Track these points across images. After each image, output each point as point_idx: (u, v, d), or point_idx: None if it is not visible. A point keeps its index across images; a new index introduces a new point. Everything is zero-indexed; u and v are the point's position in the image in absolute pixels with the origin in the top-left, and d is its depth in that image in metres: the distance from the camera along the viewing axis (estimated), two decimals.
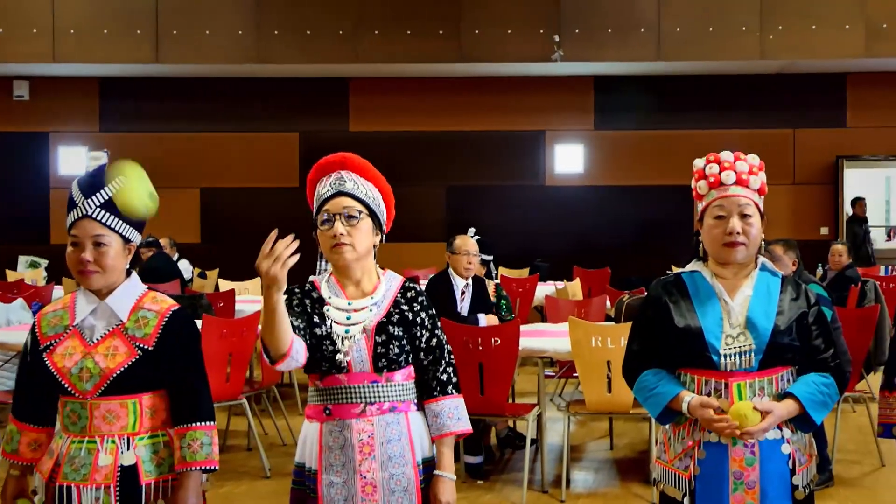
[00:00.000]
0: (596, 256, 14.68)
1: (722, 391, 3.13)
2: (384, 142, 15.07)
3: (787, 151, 15.41)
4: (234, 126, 15.69)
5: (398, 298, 3.37)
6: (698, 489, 3.16)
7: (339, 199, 3.30)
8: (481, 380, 6.50)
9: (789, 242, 7.20)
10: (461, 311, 7.51)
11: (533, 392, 7.90)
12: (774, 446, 3.16)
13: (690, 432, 3.19)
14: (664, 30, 14.03)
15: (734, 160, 3.28)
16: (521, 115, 15.53)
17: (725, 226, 3.21)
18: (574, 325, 6.49)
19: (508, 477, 7.18)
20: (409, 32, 14.16)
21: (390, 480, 3.26)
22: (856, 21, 13.90)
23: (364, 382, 3.26)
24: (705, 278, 3.28)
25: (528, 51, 14.13)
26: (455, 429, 3.35)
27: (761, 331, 3.15)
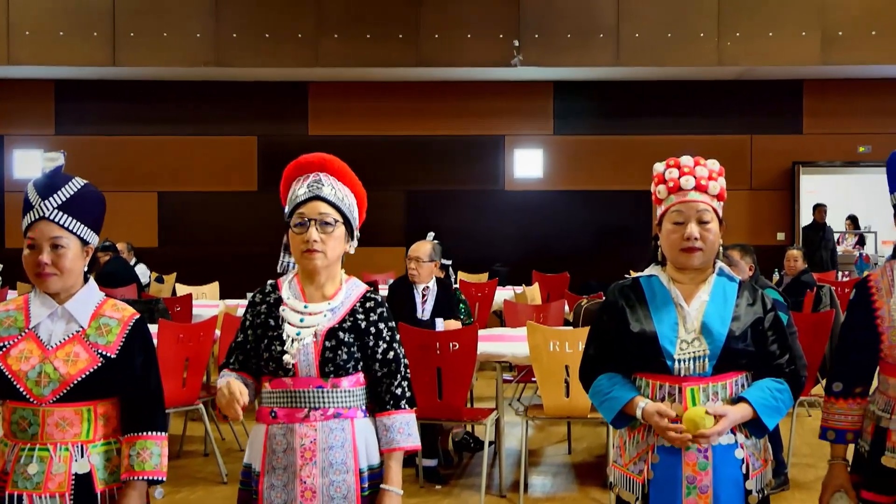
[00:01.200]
0: (555, 261, 14.73)
1: (676, 396, 3.14)
2: (343, 146, 14.85)
3: (744, 157, 15.52)
4: (192, 129, 15.60)
5: (356, 307, 3.35)
6: (652, 493, 3.17)
7: (315, 204, 3.28)
8: (439, 384, 6.50)
9: (746, 248, 7.25)
10: (422, 315, 7.49)
11: (491, 396, 7.91)
12: (728, 451, 3.17)
13: (645, 436, 3.20)
14: (623, 35, 14.10)
15: (694, 165, 3.29)
16: (480, 120, 15.55)
17: (684, 231, 3.22)
18: (532, 329, 6.49)
19: (467, 482, 7.17)
20: (369, 36, 14.14)
21: (330, 487, 3.23)
22: (812, 29, 14.03)
23: (309, 387, 3.24)
24: (662, 283, 3.29)
25: (488, 55, 14.15)
26: (405, 444, 3.32)
27: (716, 336, 3.16)
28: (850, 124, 15.40)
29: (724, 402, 3.16)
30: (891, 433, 3.25)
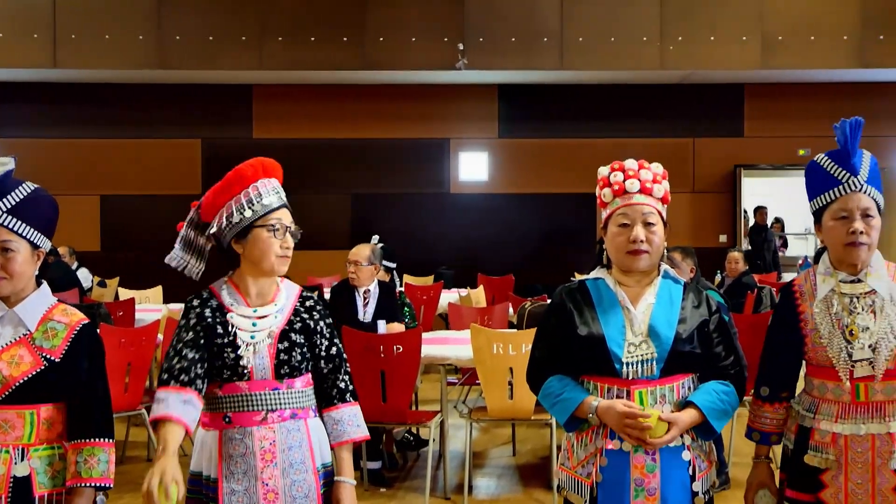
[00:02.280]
0: (500, 264, 14.80)
1: (624, 399, 3.17)
2: (288, 149, 14.94)
3: (686, 160, 15.67)
4: (135, 132, 15.46)
5: (297, 307, 3.39)
6: (600, 496, 3.18)
7: (285, 212, 3.36)
8: (383, 387, 6.51)
9: (687, 249, 7.32)
10: (364, 317, 7.49)
11: (436, 399, 7.92)
12: (675, 453, 3.20)
13: (593, 439, 3.21)
14: (567, 39, 14.18)
15: (638, 168, 3.33)
16: (425, 123, 15.56)
17: (629, 234, 3.25)
18: (476, 332, 6.52)
19: (411, 484, 7.19)
20: (314, 39, 14.10)
21: (292, 487, 3.26)
22: (753, 34, 14.20)
23: (265, 390, 3.26)
24: (609, 286, 3.31)
25: (433, 59, 14.16)
26: (355, 435, 3.39)
27: (663, 339, 3.19)
28: (789, 128, 15.60)
29: (672, 405, 3.19)
30: (814, 432, 3.33)
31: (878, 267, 3.34)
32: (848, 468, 3.26)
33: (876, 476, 3.24)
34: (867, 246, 3.28)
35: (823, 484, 3.29)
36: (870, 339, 3.25)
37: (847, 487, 3.25)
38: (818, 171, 3.41)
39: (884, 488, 3.23)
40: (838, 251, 3.31)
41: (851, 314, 3.28)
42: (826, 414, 3.31)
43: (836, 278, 3.34)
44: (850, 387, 3.26)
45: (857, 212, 3.27)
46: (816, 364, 3.35)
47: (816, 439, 3.31)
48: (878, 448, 3.24)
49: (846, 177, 3.30)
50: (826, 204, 3.35)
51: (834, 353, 3.26)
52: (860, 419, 3.26)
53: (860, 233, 3.25)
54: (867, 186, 3.30)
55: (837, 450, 3.27)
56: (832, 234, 3.32)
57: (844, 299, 3.31)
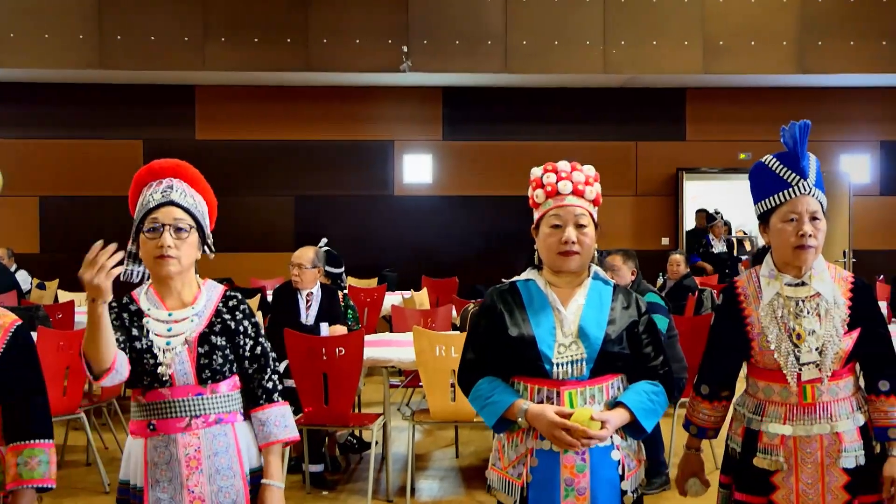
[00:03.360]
0: (444, 266, 14.82)
1: (554, 399, 3.18)
2: (231, 150, 14.89)
3: (629, 163, 15.77)
4: (76, 133, 15.26)
5: (220, 308, 3.34)
6: (531, 496, 3.20)
7: (169, 210, 3.25)
8: (326, 390, 6.49)
9: (628, 252, 7.38)
10: (306, 320, 7.47)
11: (380, 402, 7.91)
12: (604, 453, 3.22)
13: (524, 440, 3.23)
14: (511, 42, 14.22)
15: (571, 170, 3.34)
16: (369, 125, 15.53)
17: (561, 235, 3.26)
18: (418, 334, 6.52)
19: (354, 487, 7.17)
20: (257, 40, 14.02)
21: (219, 493, 3.23)
22: (694, 38, 14.33)
23: (188, 395, 3.22)
24: (539, 287, 3.33)
25: (377, 61, 14.14)
26: (282, 436, 3.34)
27: (593, 340, 3.21)
28: (731, 131, 15.76)
29: (601, 405, 3.22)
30: (762, 434, 3.37)
31: (820, 270, 3.38)
32: (798, 469, 3.30)
33: (826, 475, 3.29)
34: (814, 249, 3.32)
35: (774, 486, 3.33)
36: (816, 342, 3.29)
37: (798, 488, 3.30)
38: (766, 173, 3.44)
39: (833, 486, 3.29)
40: (786, 253, 3.34)
41: (797, 318, 3.31)
42: (774, 416, 3.35)
43: (780, 281, 3.36)
44: (798, 389, 3.30)
45: (805, 215, 3.31)
46: (763, 367, 3.38)
47: (765, 441, 3.35)
48: (827, 448, 3.30)
49: (796, 179, 3.34)
50: (775, 206, 3.38)
51: (782, 357, 3.29)
52: (808, 420, 3.31)
53: (809, 235, 3.29)
54: (815, 189, 3.35)
55: (787, 451, 3.31)
56: (780, 236, 3.35)
57: (790, 303, 3.34)
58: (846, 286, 3.40)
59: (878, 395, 3.38)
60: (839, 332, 3.30)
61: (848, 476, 3.30)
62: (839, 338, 3.30)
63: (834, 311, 3.32)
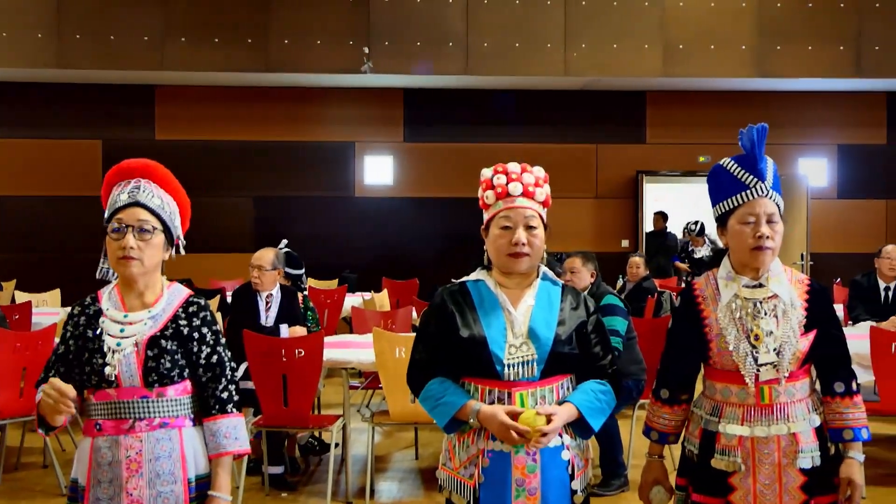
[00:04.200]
0: (405, 267, 14.82)
1: (505, 400, 3.20)
2: (191, 151, 14.82)
3: (589, 166, 15.84)
4: (34, 132, 15.13)
5: (178, 313, 3.31)
6: (482, 496, 3.22)
7: (134, 210, 3.24)
8: (285, 391, 6.47)
9: (588, 255, 7.40)
10: (266, 322, 7.44)
11: (340, 403, 7.89)
12: (555, 453, 3.25)
13: (475, 440, 3.24)
14: (472, 44, 14.25)
15: (521, 172, 3.36)
16: (330, 127, 15.51)
17: (511, 236, 3.28)
18: (378, 335, 6.52)
19: (313, 488, 7.15)
20: (217, 40, 13.96)
21: (157, 498, 3.20)
22: (654, 42, 14.42)
23: (134, 397, 3.20)
24: (489, 287, 3.35)
25: (338, 62, 14.12)
26: (232, 448, 3.30)
27: (543, 341, 3.24)
28: (690, 135, 15.87)
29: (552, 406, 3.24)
30: (719, 436, 3.38)
31: (777, 272, 3.41)
32: (756, 470, 3.32)
33: (783, 476, 3.31)
34: (772, 250, 3.34)
35: (732, 486, 3.34)
36: (774, 343, 3.31)
37: (755, 489, 3.31)
38: (724, 176, 3.45)
39: (790, 487, 3.31)
40: (743, 255, 3.36)
41: (755, 319, 3.33)
42: (731, 417, 3.36)
43: (738, 283, 3.38)
44: (755, 390, 3.31)
45: (763, 217, 3.33)
46: (721, 368, 3.39)
47: (723, 443, 3.36)
48: (784, 448, 3.32)
49: (753, 182, 3.36)
50: (733, 208, 3.39)
51: (740, 358, 3.31)
52: (766, 421, 3.32)
53: (766, 237, 3.31)
54: (772, 192, 3.37)
55: (745, 452, 3.33)
56: (738, 238, 3.36)
57: (748, 304, 3.35)
58: (803, 288, 3.43)
59: (834, 396, 3.42)
60: (796, 333, 3.33)
61: (804, 476, 3.32)
62: (796, 339, 3.32)
63: (791, 313, 3.34)
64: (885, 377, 6.85)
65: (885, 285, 8.69)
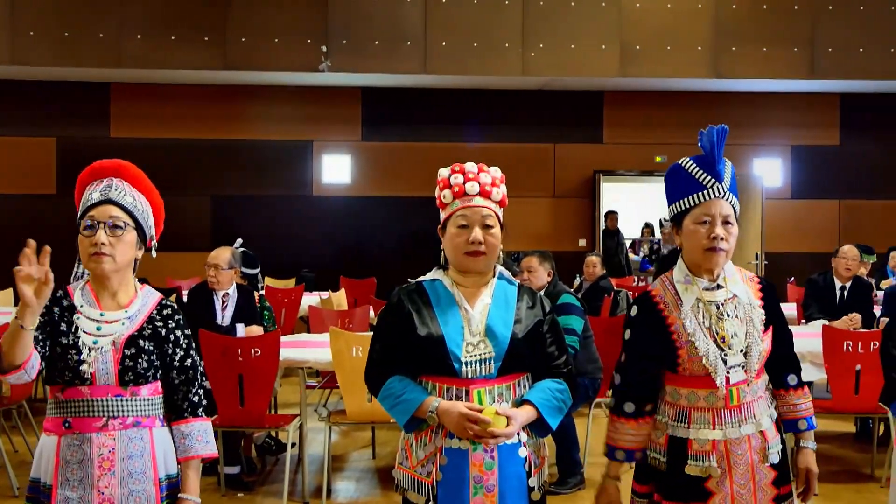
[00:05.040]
0: (362, 266, 14.80)
1: (463, 397, 3.21)
2: (147, 149, 14.70)
3: (547, 165, 15.89)
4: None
5: (153, 314, 3.32)
6: (440, 494, 3.22)
7: (106, 208, 3.23)
8: (241, 391, 6.44)
9: (545, 254, 7.42)
10: (222, 321, 7.41)
11: (297, 403, 7.88)
12: (512, 450, 3.26)
13: (433, 438, 3.25)
14: (430, 43, 14.25)
15: (478, 172, 3.37)
16: (288, 125, 15.46)
17: (468, 235, 3.29)
18: (335, 335, 6.51)
19: (270, 488, 7.13)
20: (174, 38, 13.88)
21: (129, 497, 3.19)
22: (612, 42, 14.49)
23: (108, 396, 3.18)
24: (446, 286, 3.36)
25: (296, 60, 14.08)
26: (202, 452, 3.32)
27: (500, 339, 3.25)
28: (647, 135, 15.96)
29: (509, 403, 3.25)
30: (691, 442, 3.33)
31: (731, 273, 3.42)
32: (732, 472, 3.30)
33: (756, 474, 3.32)
34: (726, 252, 3.34)
35: (710, 491, 3.30)
36: (741, 344, 3.32)
37: (733, 490, 3.30)
38: (681, 175, 3.44)
39: (763, 484, 3.33)
40: (697, 255, 3.35)
41: (720, 321, 3.33)
42: (702, 422, 3.33)
43: (697, 286, 3.37)
44: (725, 392, 3.30)
45: (718, 218, 3.32)
46: (690, 374, 3.35)
47: (696, 449, 3.32)
48: (755, 447, 3.33)
49: (711, 182, 3.35)
50: (688, 208, 3.38)
51: (711, 363, 3.28)
52: (736, 422, 3.32)
53: (720, 238, 3.31)
54: (729, 194, 3.37)
55: (719, 455, 3.30)
56: (693, 238, 3.35)
57: (711, 307, 3.35)
58: (755, 287, 3.45)
59: (788, 388, 3.46)
60: (759, 332, 3.35)
61: (775, 472, 3.35)
62: (760, 338, 3.34)
63: (752, 314, 3.36)
64: (837, 375, 6.93)
65: (841, 285, 8.79)
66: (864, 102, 16.07)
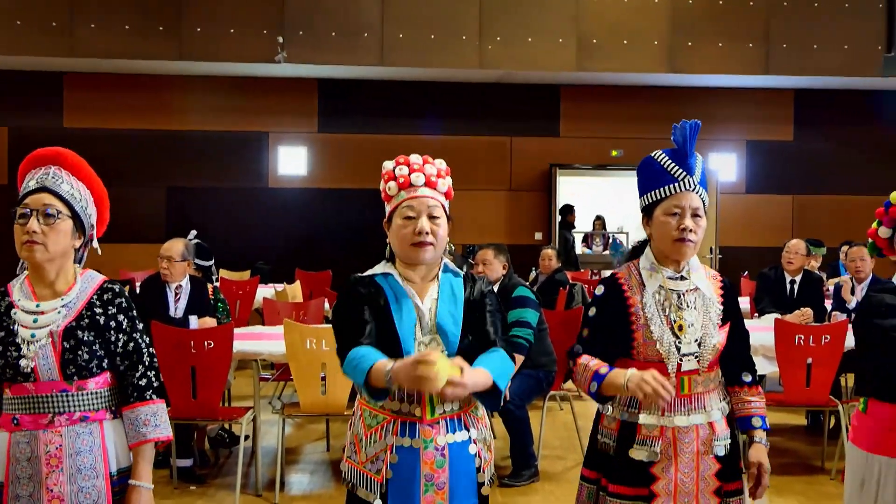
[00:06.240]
0: (318, 259, 14.76)
1: (415, 396, 3.18)
2: (101, 139, 14.58)
3: (504, 158, 15.91)
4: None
5: (93, 300, 3.25)
6: (391, 492, 3.18)
7: (40, 196, 3.18)
8: (194, 383, 6.40)
9: (500, 247, 7.44)
10: (175, 313, 7.35)
11: (251, 395, 7.83)
12: (462, 447, 3.24)
13: (383, 436, 3.21)
14: (387, 35, 14.22)
15: (423, 163, 3.35)
16: (243, 116, 15.38)
17: (415, 226, 3.27)
18: (289, 327, 6.48)
19: (223, 481, 7.09)
20: (128, 27, 13.75)
21: (79, 494, 3.14)
22: (569, 36, 14.52)
23: (52, 391, 3.14)
24: (398, 281, 3.32)
25: (252, 51, 13.99)
26: (153, 436, 3.24)
27: (451, 338, 3.22)
28: (603, 129, 16.02)
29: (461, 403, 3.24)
30: (640, 427, 3.38)
31: (696, 267, 3.49)
32: (677, 459, 3.36)
33: (700, 464, 3.37)
34: (694, 244, 3.41)
35: (654, 476, 3.35)
36: (695, 334, 3.37)
37: (676, 477, 3.35)
38: (654, 167, 3.50)
39: (706, 474, 3.38)
40: (666, 246, 3.40)
41: (679, 310, 3.39)
42: (651, 408, 3.38)
43: (661, 274, 3.43)
44: (676, 381, 3.35)
45: (688, 210, 3.39)
46: (644, 359, 3.39)
47: (644, 433, 3.37)
48: (702, 437, 3.38)
49: (682, 175, 3.42)
50: (659, 199, 3.43)
51: (664, 348, 3.34)
52: (685, 410, 3.38)
53: (689, 230, 3.37)
54: (699, 187, 3.44)
55: (665, 442, 3.36)
56: (662, 228, 3.40)
57: (672, 295, 3.41)
58: (717, 284, 3.53)
59: (742, 385, 3.51)
60: (715, 326, 3.41)
61: (719, 464, 3.40)
62: (715, 331, 3.40)
63: (710, 306, 3.43)
64: (789, 368, 6.99)
65: (791, 278, 8.86)
66: (818, 99, 16.22)
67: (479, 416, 3.32)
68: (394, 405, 3.21)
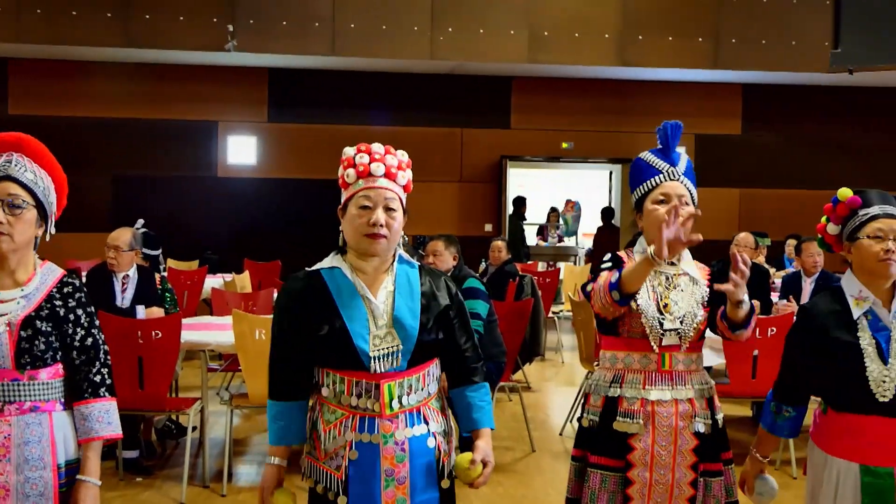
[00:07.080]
0: (267, 249, 14.68)
1: (373, 392, 3.14)
2: (46, 126, 14.26)
3: (455, 150, 15.93)
4: None
5: (53, 293, 3.21)
6: (351, 488, 3.14)
7: (5, 185, 3.12)
8: (141, 374, 6.34)
9: (450, 238, 7.44)
10: (121, 303, 7.28)
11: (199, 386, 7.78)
12: (422, 441, 3.20)
13: (342, 432, 3.16)
14: (339, 25, 14.16)
15: (384, 153, 3.28)
16: (193, 105, 15.26)
17: (370, 216, 3.19)
18: (238, 317, 6.43)
19: (170, 472, 7.03)
20: (75, 13, 13.58)
21: (25, 484, 3.09)
22: (520, 28, 14.55)
23: (4, 380, 3.08)
24: (346, 275, 3.24)
25: (201, 39, 13.88)
26: (104, 433, 3.21)
27: (409, 331, 3.16)
28: (554, 121, 16.09)
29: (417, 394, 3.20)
30: (622, 400, 3.62)
31: (686, 257, 3.76)
32: (655, 432, 3.57)
33: (678, 438, 3.59)
34: None
35: (632, 447, 3.57)
36: (679, 311, 3.60)
37: (653, 449, 3.57)
38: (641, 165, 3.83)
39: (684, 449, 3.60)
40: (656, 233, 3.48)
41: (667, 290, 3.64)
42: (633, 383, 3.62)
43: None
44: (657, 356, 3.60)
45: (674, 198, 3.64)
46: (628, 335, 3.63)
47: (625, 406, 3.60)
48: (681, 412, 3.60)
49: (666, 167, 3.76)
50: (647, 191, 3.74)
51: (648, 322, 3.57)
52: (665, 385, 3.61)
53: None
54: (684, 178, 3.77)
55: (645, 415, 3.58)
56: (651, 216, 3.65)
57: (661, 276, 3.66)
58: (705, 273, 3.78)
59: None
60: (699, 306, 3.64)
61: (697, 440, 3.61)
62: (699, 311, 3.63)
63: (696, 290, 3.68)
64: (735, 360, 7.05)
65: None
66: (766, 93, 16.40)
67: (437, 408, 3.30)
68: (352, 401, 3.17)
